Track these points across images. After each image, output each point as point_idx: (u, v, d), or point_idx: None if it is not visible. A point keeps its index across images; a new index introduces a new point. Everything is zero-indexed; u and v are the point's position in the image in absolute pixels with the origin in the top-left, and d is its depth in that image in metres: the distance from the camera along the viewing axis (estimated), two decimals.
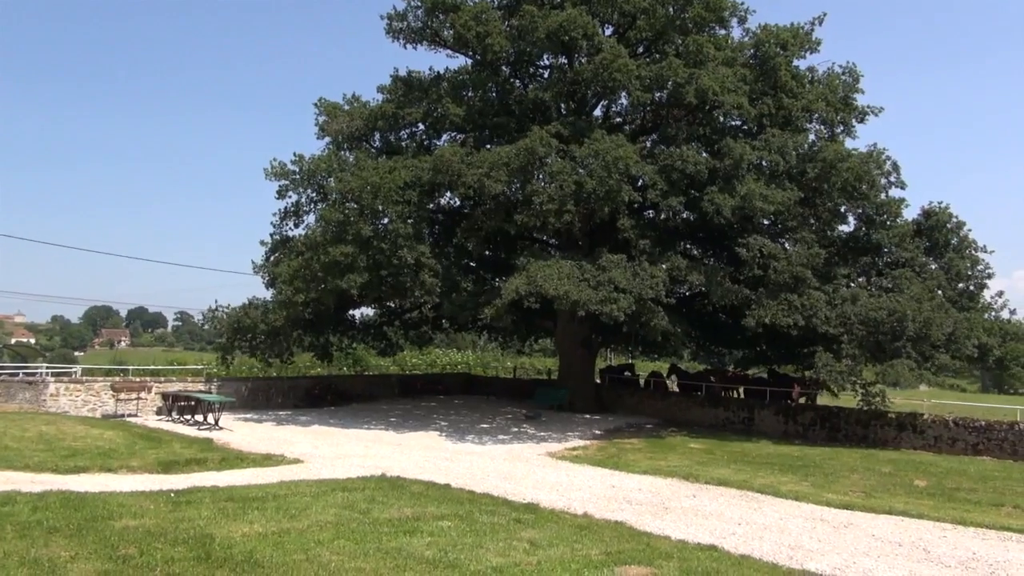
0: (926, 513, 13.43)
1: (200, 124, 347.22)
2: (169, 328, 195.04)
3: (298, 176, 27.07)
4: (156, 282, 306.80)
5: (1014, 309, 27.72)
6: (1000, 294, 28.44)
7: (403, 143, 29.94)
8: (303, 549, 8.91)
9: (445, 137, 30.02)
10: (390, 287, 25.18)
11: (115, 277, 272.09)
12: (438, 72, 29.98)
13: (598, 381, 34.46)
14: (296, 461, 16.73)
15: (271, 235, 29.16)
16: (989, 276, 27.88)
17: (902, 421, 23.69)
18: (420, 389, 36.96)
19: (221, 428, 21.71)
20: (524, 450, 20.21)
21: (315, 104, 29.40)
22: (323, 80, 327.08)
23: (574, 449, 20.58)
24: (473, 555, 9.00)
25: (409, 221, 24.57)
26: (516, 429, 24.78)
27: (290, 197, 28.07)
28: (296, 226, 28.90)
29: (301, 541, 9.29)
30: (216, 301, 50.54)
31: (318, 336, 30.31)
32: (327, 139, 29.24)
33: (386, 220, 24.69)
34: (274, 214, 28.99)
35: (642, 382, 34.49)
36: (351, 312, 32.22)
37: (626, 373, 36.79)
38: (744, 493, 14.93)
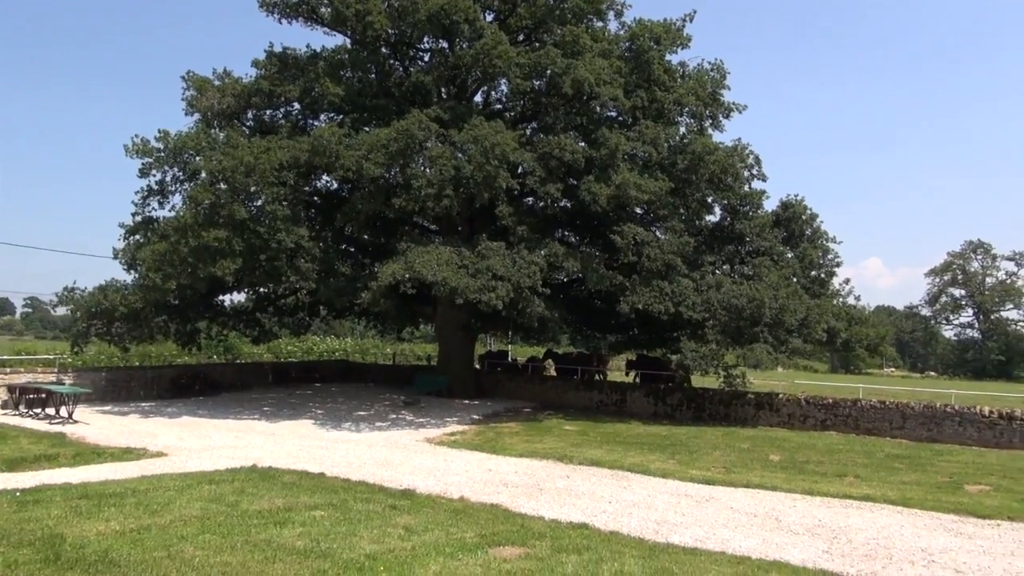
0: (779, 485, 14.44)
1: (53, 97, 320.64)
2: (17, 315, 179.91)
3: (163, 154, 25.52)
4: (2, 265, 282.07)
5: (859, 295, 30.16)
6: (847, 281, 30.83)
7: (278, 122, 28.85)
8: (165, 546, 8.51)
9: (323, 117, 29.19)
10: (265, 272, 24.32)
11: None
12: (315, 50, 29.05)
13: (477, 367, 34.76)
14: (159, 454, 15.91)
15: (132, 216, 27.35)
16: (838, 265, 30.19)
17: (760, 400, 25.28)
18: (296, 377, 36.06)
19: (76, 421, 20.30)
20: (402, 436, 20.12)
21: (183, 78, 27.82)
22: (191, 53, 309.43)
23: (452, 434, 20.69)
24: (346, 543, 8.90)
25: (285, 203, 23.78)
26: (394, 416, 24.62)
27: (154, 176, 26.41)
28: (161, 206, 27.29)
29: (163, 537, 8.88)
30: (75, 281, 47.12)
31: (185, 322, 28.88)
32: (196, 116, 27.75)
33: (260, 202, 23.78)
34: (136, 193, 27.24)
35: (521, 367, 35.12)
36: (221, 297, 30.86)
37: (514, 359, 37.38)
38: (615, 472, 15.50)
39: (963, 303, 78.76)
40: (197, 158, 24.98)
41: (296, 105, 28.75)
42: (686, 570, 8.54)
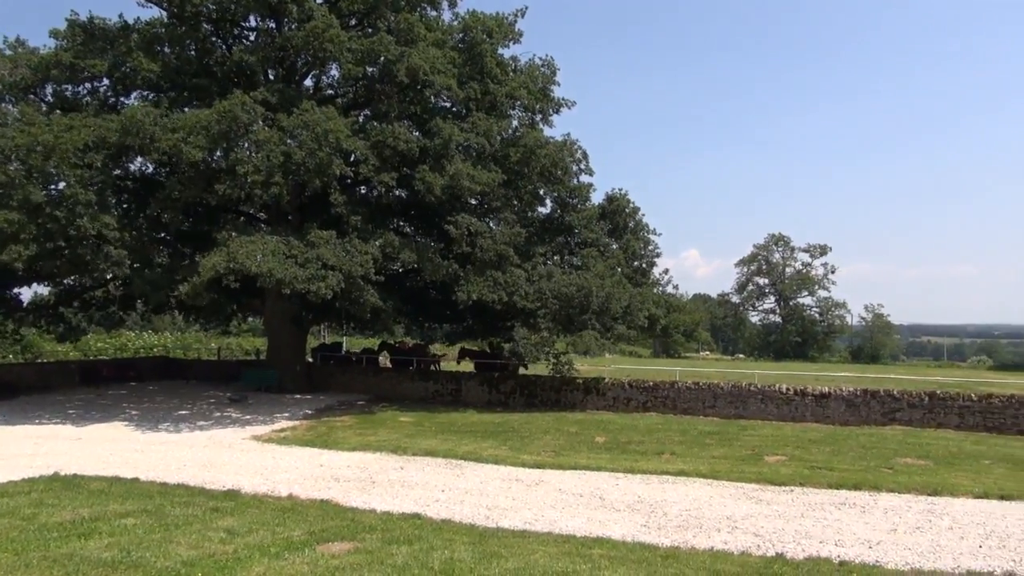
0: (604, 465, 15.18)
1: None
2: None
3: None
4: None
5: (677, 285, 32.29)
6: (666, 271, 32.84)
7: (83, 99, 26.43)
8: None
9: (136, 95, 27.09)
10: (67, 261, 22.20)
11: None
12: (127, 22, 26.80)
13: (310, 360, 33.77)
14: None
15: None
16: (658, 255, 32.02)
17: (588, 385, 26.39)
18: (107, 376, 33.21)
19: None
20: (227, 435, 19.18)
21: None
22: None
23: (282, 431, 19.98)
24: (161, 551, 8.36)
25: (92, 187, 21.83)
26: (219, 414, 23.38)
27: None
28: None
29: None
30: None
31: None
32: None
33: (62, 185, 21.68)
34: None
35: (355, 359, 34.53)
36: (16, 290, 27.86)
37: (348, 351, 36.61)
38: (449, 461, 15.65)
39: (767, 291, 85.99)
40: None
41: (105, 81, 26.45)
42: (514, 552, 8.79)
